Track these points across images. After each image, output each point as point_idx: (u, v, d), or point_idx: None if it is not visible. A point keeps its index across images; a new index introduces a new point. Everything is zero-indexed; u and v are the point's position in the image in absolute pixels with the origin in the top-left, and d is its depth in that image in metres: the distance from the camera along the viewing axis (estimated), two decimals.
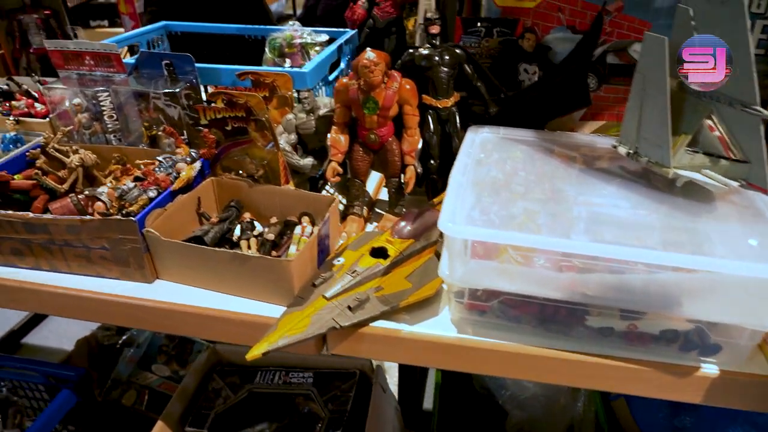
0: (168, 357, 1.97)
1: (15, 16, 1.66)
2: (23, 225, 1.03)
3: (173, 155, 1.16)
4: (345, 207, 1.22)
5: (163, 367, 1.95)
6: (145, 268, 1.04)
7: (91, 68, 1.30)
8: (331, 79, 1.46)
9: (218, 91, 1.12)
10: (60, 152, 1.20)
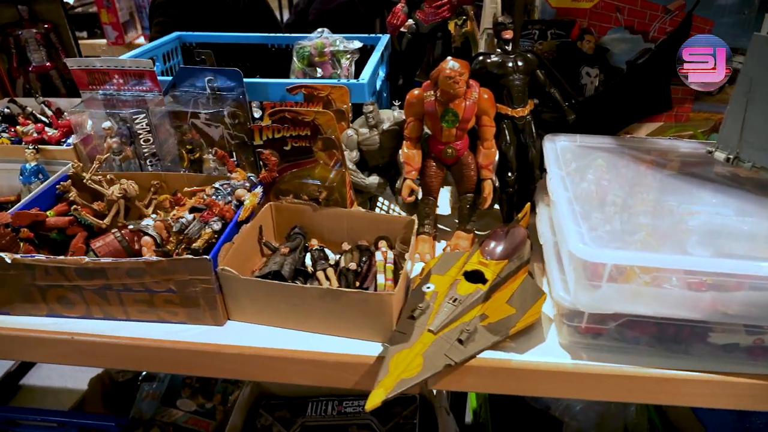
0: (193, 390, 1.83)
1: (11, 31, 1.50)
2: (76, 271, 0.91)
3: (230, 181, 1.05)
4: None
5: (188, 402, 1.81)
6: (217, 309, 0.94)
7: (119, 87, 1.18)
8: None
9: (282, 109, 1.02)
10: (96, 183, 1.08)
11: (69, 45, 1.56)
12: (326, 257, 1.03)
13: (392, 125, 1.12)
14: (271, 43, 1.58)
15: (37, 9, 1.51)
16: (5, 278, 0.93)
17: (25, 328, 0.96)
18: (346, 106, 1.16)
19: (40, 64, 1.54)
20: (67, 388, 2.19)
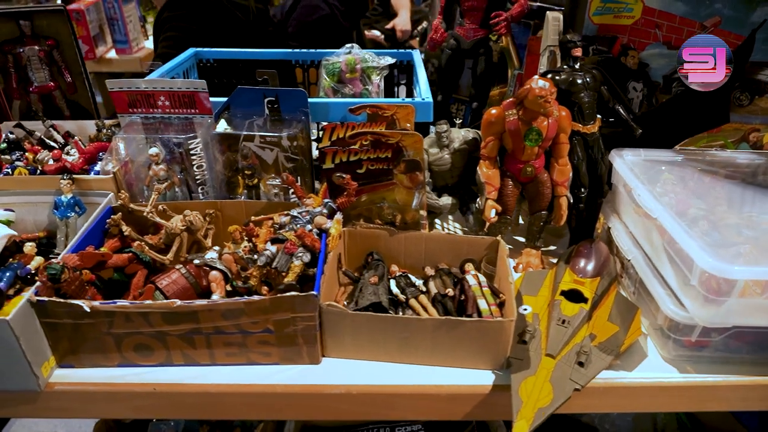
0: (211, 427, 1.72)
1: (10, 48, 1.35)
2: (164, 316, 0.82)
3: (308, 208, 0.99)
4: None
5: None
6: (316, 347, 0.88)
7: (165, 110, 1.09)
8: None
9: (363, 131, 0.97)
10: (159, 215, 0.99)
11: (73, 63, 1.42)
12: (413, 284, 0.99)
13: (462, 144, 1.10)
14: (295, 60, 1.52)
15: (38, 24, 1.37)
16: (77, 328, 0.83)
17: (96, 382, 0.86)
18: (409, 125, 1.12)
19: (43, 83, 1.40)
20: None
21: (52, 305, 0.81)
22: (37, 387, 0.84)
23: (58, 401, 0.86)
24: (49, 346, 0.85)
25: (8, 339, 0.78)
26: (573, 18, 1.28)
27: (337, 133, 1.09)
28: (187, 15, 1.64)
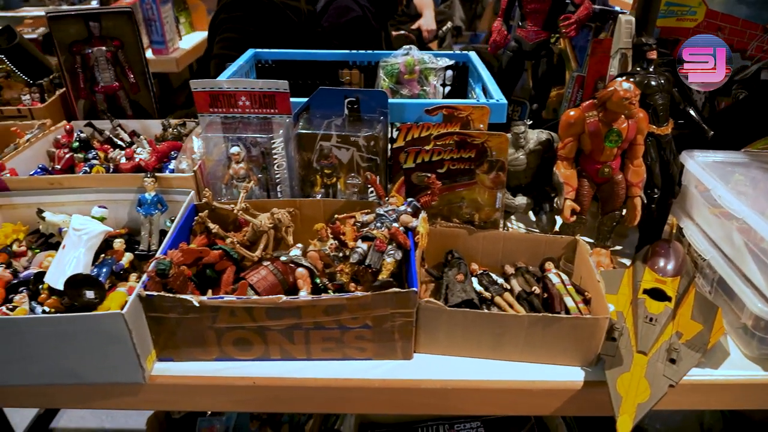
0: (261, 422, 1.74)
1: (79, 49, 1.37)
2: (268, 311, 0.84)
3: (393, 206, 1.01)
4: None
5: None
6: (410, 343, 0.89)
7: (245, 110, 1.11)
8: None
9: (449, 131, 0.99)
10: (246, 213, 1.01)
11: (136, 63, 1.45)
12: (495, 281, 1.01)
13: (536, 145, 1.12)
14: (353, 60, 1.54)
15: (105, 25, 1.39)
16: (181, 322, 0.85)
17: (196, 375, 0.88)
18: (482, 125, 1.14)
19: (108, 84, 1.42)
20: (104, 428, 2.02)
21: (160, 300, 0.83)
22: (142, 380, 0.86)
23: (160, 394, 0.88)
24: (151, 339, 0.88)
25: (121, 332, 0.80)
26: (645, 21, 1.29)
27: (412, 133, 1.11)
28: (244, 17, 1.66)
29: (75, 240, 0.97)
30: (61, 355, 0.82)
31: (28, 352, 0.81)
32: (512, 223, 1.27)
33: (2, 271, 0.98)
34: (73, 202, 1.12)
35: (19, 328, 0.79)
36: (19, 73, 1.45)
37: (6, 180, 1.09)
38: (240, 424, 1.74)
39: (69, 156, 1.25)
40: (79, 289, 0.88)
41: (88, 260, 0.96)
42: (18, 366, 0.83)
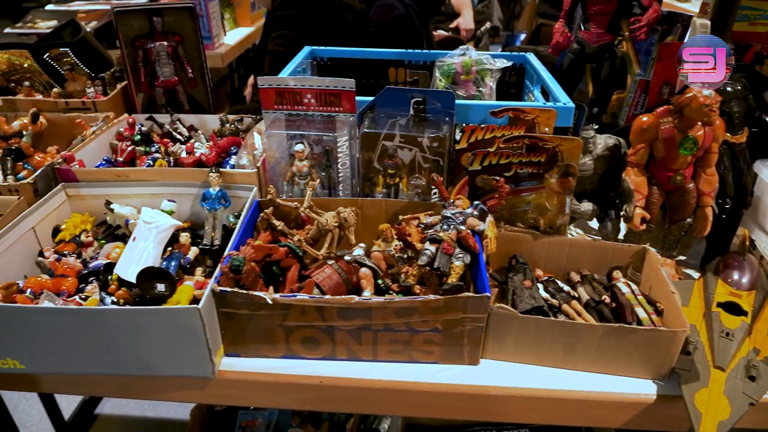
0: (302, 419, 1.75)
1: (142, 43, 1.39)
2: (339, 311, 0.84)
3: (459, 209, 1.00)
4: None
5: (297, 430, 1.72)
6: (478, 349, 0.88)
7: (309, 107, 1.11)
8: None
9: (520, 135, 0.98)
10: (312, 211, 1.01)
11: (194, 59, 1.46)
12: (561, 288, 0.99)
13: (604, 150, 1.09)
14: (408, 60, 1.53)
15: (167, 20, 1.41)
16: (251, 318, 0.86)
17: (263, 372, 0.88)
18: (547, 129, 1.12)
19: (168, 78, 1.44)
20: (145, 416, 2.06)
21: (233, 296, 0.83)
22: (212, 374, 0.86)
23: (228, 389, 0.89)
24: (221, 335, 0.88)
25: (196, 327, 0.80)
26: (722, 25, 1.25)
27: (476, 135, 1.10)
28: (300, 14, 1.66)
29: (145, 233, 0.98)
30: (137, 346, 0.83)
31: (105, 342, 0.82)
32: (570, 229, 1.25)
33: (74, 261, 1.00)
34: (138, 195, 1.14)
35: (99, 318, 0.80)
36: (83, 66, 1.48)
37: (76, 171, 1.11)
38: (281, 419, 1.75)
39: (131, 149, 1.27)
40: (150, 281, 0.90)
41: (158, 253, 0.97)
42: (94, 355, 0.84)
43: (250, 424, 1.78)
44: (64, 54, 1.46)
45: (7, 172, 1.19)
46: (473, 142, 1.09)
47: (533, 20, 4.43)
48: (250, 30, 3.05)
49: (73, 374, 0.88)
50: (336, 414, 1.79)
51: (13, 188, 1.05)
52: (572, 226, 1.25)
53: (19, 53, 1.47)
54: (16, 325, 0.82)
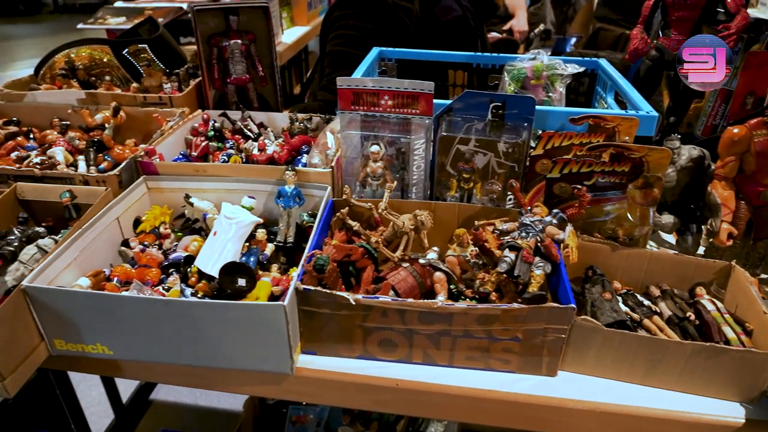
0: (352, 417, 1.76)
1: (217, 41, 1.43)
2: (420, 315, 0.84)
3: (538, 217, 0.98)
4: None
5: (348, 429, 1.74)
6: (557, 360, 0.87)
7: (386, 109, 1.11)
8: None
9: (608, 144, 0.95)
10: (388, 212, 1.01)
11: (264, 57, 1.49)
12: (641, 303, 0.96)
13: (688, 162, 1.06)
14: (476, 63, 1.52)
15: (241, 19, 1.44)
16: (331, 318, 0.86)
17: (338, 371, 0.89)
18: (627, 138, 1.09)
19: (240, 76, 1.47)
20: (198, 405, 2.11)
21: (316, 294, 0.84)
22: (290, 371, 0.88)
23: (304, 386, 0.90)
24: (299, 332, 0.89)
25: (279, 323, 0.81)
26: None
27: (553, 142, 1.08)
28: (358, 14, 1.67)
29: (226, 227, 1.00)
30: (221, 339, 0.85)
31: (191, 333, 0.85)
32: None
33: (156, 252, 1.03)
34: (214, 190, 1.16)
35: (187, 310, 0.82)
36: (159, 62, 1.52)
37: (157, 165, 1.14)
38: (332, 416, 1.77)
39: (205, 144, 1.30)
40: (232, 276, 0.91)
41: (238, 249, 0.99)
42: (178, 346, 0.87)
43: (300, 419, 1.81)
44: (142, 50, 1.51)
45: (90, 163, 1.23)
46: (549, 148, 1.08)
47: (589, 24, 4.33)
48: (306, 29, 3.08)
49: (155, 362, 0.91)
50: (385, 414, 1.79)
51: (100, 179, 1.08)
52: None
53: (100, 49, 1.52)
54: (107, 313, 0.84)
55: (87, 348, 0.89)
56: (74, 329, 0.86)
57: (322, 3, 3.43)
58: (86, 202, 1.06)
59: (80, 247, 0.96)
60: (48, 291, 0.84)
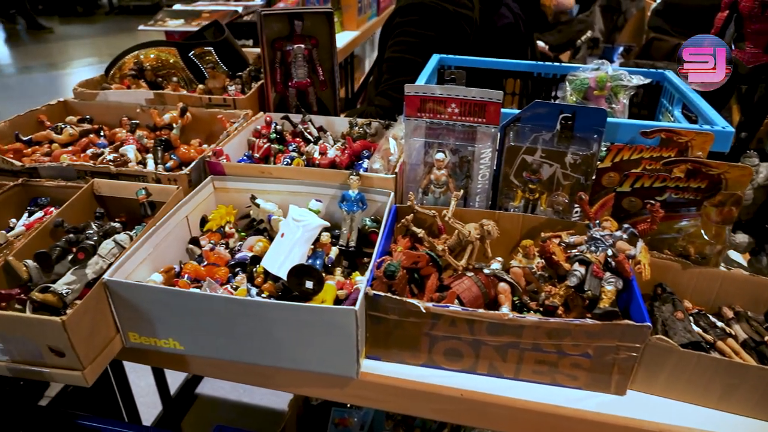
0: (395, 423, 1.76)
1: (281, 45, 1.45)
2: (490, 326, 0.83)
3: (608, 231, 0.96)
4: None
5: None
6: (627, 378, 0.85)
7: (452, 117, 1.11)
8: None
9: (685, 159, 0.93)
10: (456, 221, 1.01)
11: (325, 62, 1.51)
12: (714, 324, 0.93)
13: (766, 180, 1.02)
14: (537, 72, 1.50)
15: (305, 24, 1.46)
16: (399, 324, 0.87)
17: (402, 378, 0.89)
18: (700, 153, 1.06)
19: (301, 80, 1.49)
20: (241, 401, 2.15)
21: (386, 300, 0.85)
22: (355, 375, 0.88)
23: (368, 390, 0.90)
24: (365, 337, 0.90)
25: (350, 327, 0.82)
26: None
27: (622, 155, 1.06)
28: (420, 21, 1.67)
29: (294, 230, 1.01)
30: (291, 341, 0.86)
31: (261, 333, 0.86)
32: None
33: (224, 251, 1.06)
34: (278, 192, 1.18)
35: (260, 310, 0.84)
36: (222, 65, 1.56)
37: (224, 165, 1.17)
38: (376, 419, 1.77)
39: (267, 146, 1.33)
40: (300, 278, 0.93)
41: (305, 251, 1.01)
42: (247, 344, 0.88)
43: (343, 422, 1.82)
44: (208, 53, 1.55)
45: (158, 161, 1.27)
46: (618, 161, 1.06)
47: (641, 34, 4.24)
48: (355, 34, 3.11)
49: (223, 360, 0.92)
50: (428, 422, 1.78)
51: (171, 178, 1.11)
52: None
53: (167, 50, 1.57)
54: (183, 309, 0.87)
55: (159, 342, 0.91)
56: (149, 323, 0.89)
57: (372, 8, 3.46)
58: (158, 200, 1.09)
59: (153, 244, 0.98)
60: (127, 285, 0.86)
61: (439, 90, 1.09)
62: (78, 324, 0.81)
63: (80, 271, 0.91)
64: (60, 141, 1.31)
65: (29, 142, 1.31)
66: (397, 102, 1.66)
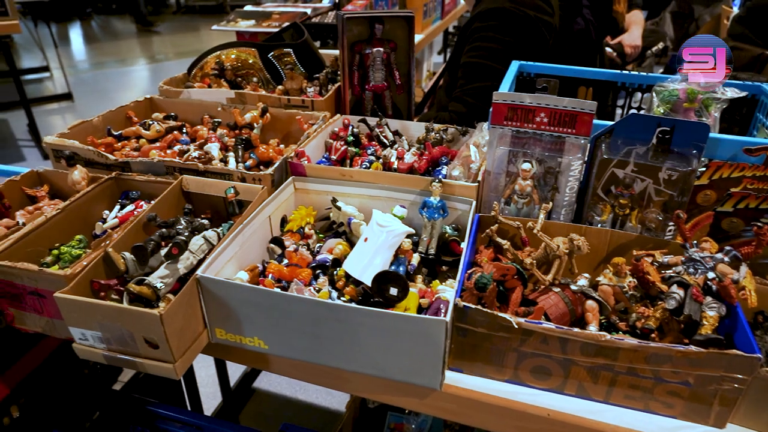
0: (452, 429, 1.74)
1: (360, 48, 1.46)
2: (583, 346, 0.80)
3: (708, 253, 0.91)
4: None
5: None
6: (729, 412, 0.80)
7: (540, 126, 1.08)
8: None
9: None
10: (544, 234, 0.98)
11: (402, 65, 1.50)
12: None
13: None
14: (622, 81, 1.45)
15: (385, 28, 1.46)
16: (487, 338, 0.85)
17: (486, 393, 0.87)
18: None
19: (379, 83, 1.49)
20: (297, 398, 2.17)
21: (475, 313, 0.83)
22: (439, 386, 0.87)
23: (449, 403, 0.89)
24: (450, 349, 0.88)
25: (438, 338, 0.81)
26: None
27: (722, 172, 1.01)
28: (499, 26, 1.65)
29: (377, 234, 1.01)
30: (376, 347, 0.85)
31: (346, 337, 0.86)
32: None
33: (306, 253, 1.06)
34: (356, 195, 1.18)
35: (347, 315, 0.84)
36: (300, 66, 1.58)
37: (306, 167, 1.18)
38: (434, 426, 1.75)
39: (344, 148, 1.33)
40: (386, 284, 0.92)
41: (389, 257, 1.00)
42: (331, 348, 0.89)
43: (398, 427, 1.81)
44: (287, 54, 1.57)
45: (239, 160, 1.30)
46: (716, 179, 1.01)
47: None
48: (420, 37, 3.10)
49: (305, 361, 0.93)
50: None
51: (256, 177, 1.13)
52: None
53: (247, 51, 1.60)
54: (271, 309, 0.88)
55: (245, 340, 0.93)
56: (236, 321, 0.91)
57: (436, 12, 3.44)
58: (243, 199, 1.11)
59: (240, 242, 1.00)
60: (219, 282, 0.88)
61: (528, 98, 1.07)
62: (173, 318, 0.83)
63: (173, 266, 0.93)
64: (147, 137, 1.35)
65: (119, 137, 1.36)
66: (473, 108, 1.65)
